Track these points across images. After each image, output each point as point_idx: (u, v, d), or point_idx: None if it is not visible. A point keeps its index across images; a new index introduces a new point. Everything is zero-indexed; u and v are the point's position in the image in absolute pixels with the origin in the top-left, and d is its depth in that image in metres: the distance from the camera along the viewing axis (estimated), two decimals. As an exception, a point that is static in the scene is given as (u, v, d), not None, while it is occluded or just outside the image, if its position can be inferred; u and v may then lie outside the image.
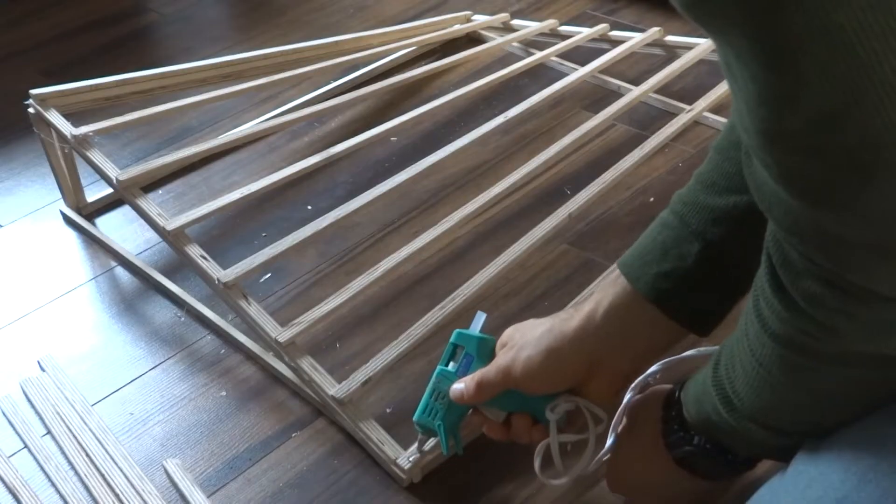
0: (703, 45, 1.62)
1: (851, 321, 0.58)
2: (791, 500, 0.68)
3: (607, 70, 1.64)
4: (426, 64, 1.66)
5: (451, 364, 0.95)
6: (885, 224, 0.51)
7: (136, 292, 1.31)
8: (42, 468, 1.07)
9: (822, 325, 0.60)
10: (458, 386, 0.92)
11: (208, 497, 1.03)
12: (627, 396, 0.90)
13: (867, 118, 0.47)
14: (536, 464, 0.93)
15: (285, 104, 1.63)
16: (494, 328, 1.21)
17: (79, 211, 1.43)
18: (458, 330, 0.97)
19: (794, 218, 0.55)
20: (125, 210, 1.43)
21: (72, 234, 1.41)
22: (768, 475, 0.76)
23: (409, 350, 1.12)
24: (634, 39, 1.66)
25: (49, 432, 1.11)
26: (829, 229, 0.54)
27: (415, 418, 0.96)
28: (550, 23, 1.76)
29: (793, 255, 0.59)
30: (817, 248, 0.56)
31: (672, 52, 1.68)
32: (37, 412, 1.14)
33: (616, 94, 1.61)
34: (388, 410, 1.12)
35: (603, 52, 1.65)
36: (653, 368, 0.90)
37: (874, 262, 0.54)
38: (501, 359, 0.90)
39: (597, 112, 1.49)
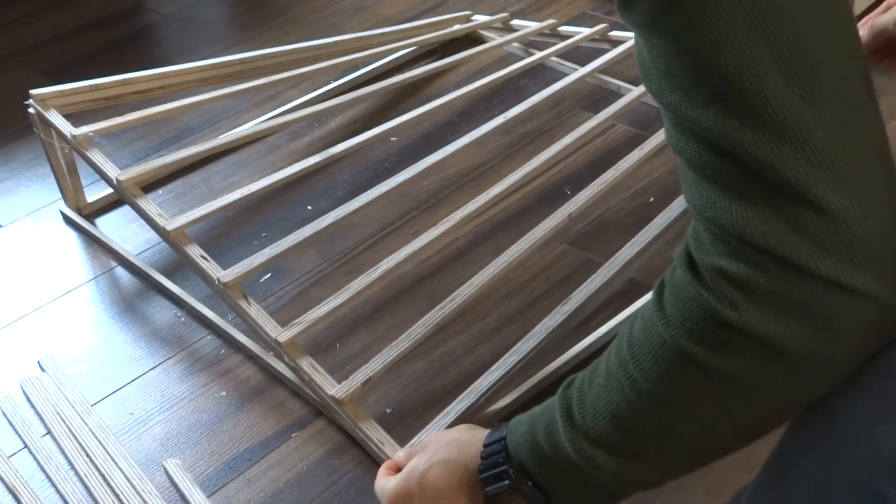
0: (703, 45, 1.61)
1: (747, 293, 0.60)
2: None
3: (607, 70, 1.64)
4: (426, 64, 1.66)
5: None
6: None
7: (136, 292, 1.31)
8: (42, 468, 1.07)
9: (721, 296, 0.61)
10: None
11: (208, 497, 1.03)
12: None
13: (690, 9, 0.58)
14: None
15: (285, 104, 1.63)
16: (494, 328, 1.22)
17: (79, 211, 1.43)
18: None
19: (698, 189, 0.62)
20: (125, 210, 1.43)
21: (72, 234, 1.41)
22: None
23: (409, 350, 1.12)
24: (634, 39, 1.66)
25: (49, 432, 1.11)
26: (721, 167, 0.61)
27: None
28: (550, 23, 1.76)
29: (703, 237, 0.63)
30: (718, 213, 0.61)
31: (672, 52, 1.68)
32: (37, 412, 1.14)
33: (616, 94, 1.61)
34: (388, 410, 1.12)
35: (603, 52, 1.65)
36: None
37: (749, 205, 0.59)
38: None
39: (597, 112, 1.49)
